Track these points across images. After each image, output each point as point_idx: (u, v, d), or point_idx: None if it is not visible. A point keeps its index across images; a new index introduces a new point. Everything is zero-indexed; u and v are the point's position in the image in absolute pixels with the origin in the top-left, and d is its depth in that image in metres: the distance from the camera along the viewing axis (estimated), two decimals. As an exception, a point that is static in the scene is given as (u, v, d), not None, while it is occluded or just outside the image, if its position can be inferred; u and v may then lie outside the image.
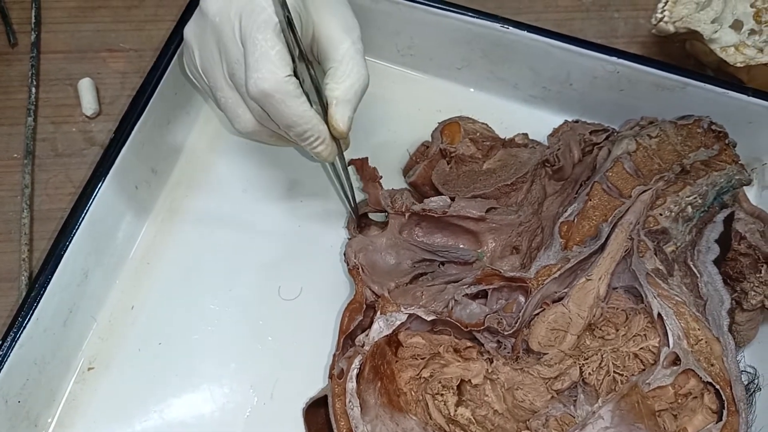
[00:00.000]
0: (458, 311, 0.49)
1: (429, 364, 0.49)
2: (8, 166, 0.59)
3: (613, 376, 0.46)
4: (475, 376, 0.48)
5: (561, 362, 0.47)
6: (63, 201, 0.57)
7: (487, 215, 0.51)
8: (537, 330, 0.47)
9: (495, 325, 0.48)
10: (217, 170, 0.58)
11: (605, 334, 0.47)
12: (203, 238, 0.56)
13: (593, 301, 0.47)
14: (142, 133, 0.53)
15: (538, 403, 0.47)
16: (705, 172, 0.49)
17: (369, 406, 0.47)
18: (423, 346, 0.49)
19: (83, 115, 0.61)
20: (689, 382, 0.45)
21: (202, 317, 0.53)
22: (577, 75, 0.57)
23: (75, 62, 0.63)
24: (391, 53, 0.62)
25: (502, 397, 0.47)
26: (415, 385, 0.48)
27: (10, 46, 0.64)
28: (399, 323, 0.49)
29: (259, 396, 0.51)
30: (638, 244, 0.48)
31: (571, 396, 0.47)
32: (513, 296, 0.50)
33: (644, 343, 0.47)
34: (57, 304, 0.49)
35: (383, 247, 0.53)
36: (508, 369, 0.48)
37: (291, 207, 0.57)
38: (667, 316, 0.46)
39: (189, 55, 0.48)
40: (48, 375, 0.49)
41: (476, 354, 0.49)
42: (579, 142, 0.54)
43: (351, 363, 0.47)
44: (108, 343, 0.52)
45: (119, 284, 0.54)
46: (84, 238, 0.50)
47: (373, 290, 0.51)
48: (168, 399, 0.51)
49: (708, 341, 0.45)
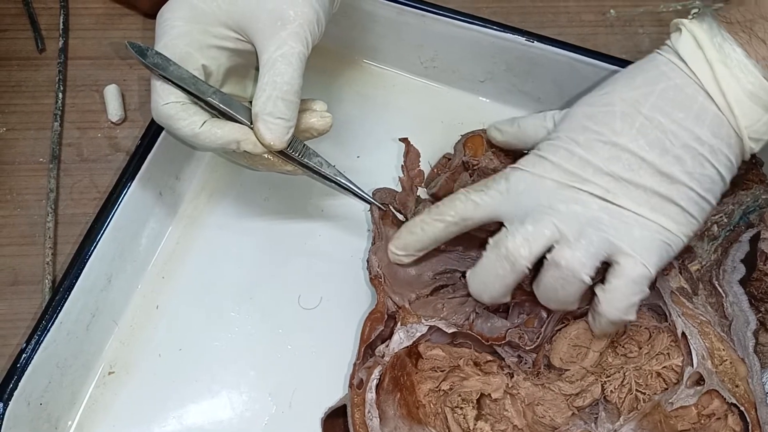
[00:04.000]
0: (479, 324, 0.49)
1: (449, 376, 0.49)
2: (34, 170, 0.59)
3: (635, 394, 0.46)
4: (495, 390, 0.48)
5: (582, 379, 0.47)
6: (87, 206, 0.58)
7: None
8: (559, 346, 0.47)
9: (516, 339, 0.48)
10: (239, 178, 0.59)
11: (628, 352, 0.47)
12: (225, 246, 0.56)
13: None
14: (167, 140, 0.53)
15: (559, 420, 0.46)
16: (731, 191, 0.49)
17: (388, 417, 0.47)
18: (443, 358, 0.49)
19: (109, 121, 0.61)
20: (713, 402, 0.44)
21: (222, 324, 0.53)
22: (601, 90, 0.57)
23: (101, 69, 0.64)
24: (414, 65, 0.62)
25: (522, 413, 0.47)
26: (435, 397, 0.48)
27: (38, 52, 0.64)
28: (419, 335, 0.49)
29: (277, 404, 0.51)
30: None
31: (592, 413, 0.47)
32: (535, 311, 0.49)
33: (667, 362, 0.46)
34: (80, 308, 0.49)
35: None
36: (529, 384, 0.47)
37: (311, 216, 0.57)
38: (691, 335, 0.45)
39: None
40: (70, 378, 0.50)
41: (497, 368, 0.49)
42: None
43: (371, 373, 0.47)
44: (129, 348, 0.52)
45: (141, 289, 0.54)
46: (108, 243, 0.50)
47: (394, 300, 0.51)
48: (187, 405, 0.51)
49: (733, 362, 0.45)
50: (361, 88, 0.63)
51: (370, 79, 0.63)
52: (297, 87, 0.45)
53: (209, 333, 0.53)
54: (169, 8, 0.47)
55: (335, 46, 0.62)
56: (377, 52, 0.63)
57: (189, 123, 0.45)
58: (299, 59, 0.45)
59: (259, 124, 0.45)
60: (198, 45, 0.46)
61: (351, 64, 0.64)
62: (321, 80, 0.62)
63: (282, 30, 0.45)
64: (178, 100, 0.45)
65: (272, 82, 0.45)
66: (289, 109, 0.45)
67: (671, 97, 0.43)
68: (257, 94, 0.45)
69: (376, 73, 0.64)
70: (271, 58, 0.45)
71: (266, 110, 0.45)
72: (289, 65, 0.45)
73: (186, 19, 0.46)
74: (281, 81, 0.44)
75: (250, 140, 0.46)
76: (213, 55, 0.47)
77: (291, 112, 0.45)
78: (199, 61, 0.46)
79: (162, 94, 0.45)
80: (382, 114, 0.62)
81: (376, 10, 0.58)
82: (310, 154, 0.49)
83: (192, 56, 0.46)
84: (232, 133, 0.46)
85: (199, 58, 0.46)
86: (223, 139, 0.46)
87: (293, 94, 0.45)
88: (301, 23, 0.45)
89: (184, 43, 0.46)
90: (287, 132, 0.45)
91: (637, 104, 0.43)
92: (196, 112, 0.46)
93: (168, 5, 0.47)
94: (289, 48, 0.45)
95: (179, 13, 0.46)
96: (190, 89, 0.46)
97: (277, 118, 0.45)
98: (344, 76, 0.63)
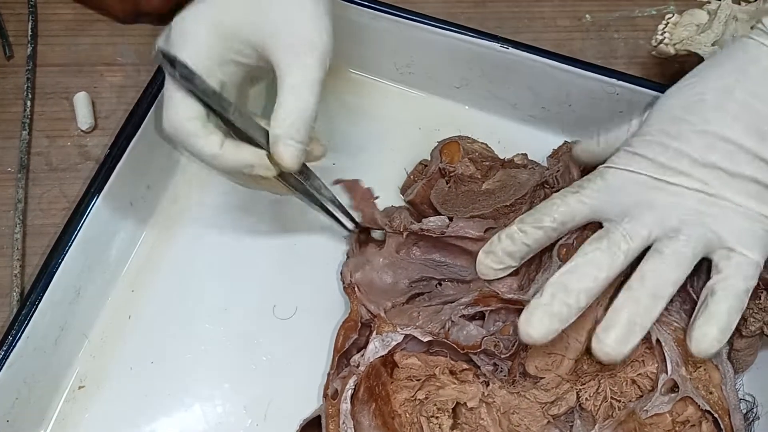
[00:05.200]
0: (455, 332, 0.49)
1: (424, 385, 0.48)
2: (2, 180, 0.58)
3: (610, 401, 0.46)
4: (471, 399, 0.47)
5: (558, 387, 0.46)
6: (57, 216, 0.56)
7: (485, 235, 0.51)
8: (534, 353, 0.47)
9: (492, 347, 0.47)
10: (213, 187, 0.58)
11: None
12: (198, 257, 0.55)
13: (591, 325, 0.47)
14: (137, 148, 0.52)
15: (534, 428, 0.46)
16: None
17: (363, 427, 0.46)
18: (419, 367, 0.49)
19: (78, 129, 0.60)
20: (687, 409, 0.44)
21: (195, 336, 0.52)
22: (577, 96, 0.57)
23: (71, 76, 0.63)
24: (389, 71, 0.62)
25: (498, 421, 0.47)
26: (410, 406, 0.48)
27: (6, 59, 0.63)
28: (395, 344, 0.48)
29: (252, 417, 0.50)
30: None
31: (567, 421, 0.46)
32: (510, 318, 0.49)
33: (642, 369, 0.46)
34: (48, 322, 0.48)
35: (380, 266, 0.53)
36: (505, 392, 0.47)
37: (287, 226, 0.57)
38: (665, 342, 0.45)
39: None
40: (38, 393, 0.48)
41: (472, 377, 0.48)
42: (578, 164, 0.54)
43: (346, 383, 0.47)
44: (100, 361, 0.51)
45: (112, 302, 0.53)
46: (77, 254, 0.49)
47: (369, 309, 0.51)
48: (160, 419, 0.50)
49: (707, 369, 0.44)
50: (337, 94, 0.62)
51: (345, 85, 0.63)
52: (316, 114, 0.45)
53: (182, 345, 0.52)
54: (192, 17, 0.45)
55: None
56: (352, 58, 0.62)
57: (209, 142, 0.44)
58: (320, 86, 0.45)
59: (280, 148, 0.44)
60: (220, 59, 0.45)
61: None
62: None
63: (308, 56, 0.45)
64: (198, 115, 0.44)
65: (297, 109, 0.44)
66: (308, 134, 0.45)
67: (763, 80, 0.42)
68: (281, 118, 0.44)
69: (352, 79, 0.63)
70: (296, 83, 0.44)
71: (290, 135, 0.44)
72: (312, 93, 0.45)
73: (210, 31, 0.44)
74: (305, 107, 0.44)
75: (263, 164, 0.45)
76: (231, 70, 0.46)
77: (308, 137, 0.46)
78: (218, 76, 0.45)
79: (184, 108, 0.44)
80: (359, 120, 0.61)
81: (351, 16, 0.58)
82: (312, 177, 0.49)
83: (213, 70, 0.45)
84: (250, 156, 0.45)
85: (218, 72, 0.45)
86: (241, 163, 0.45)
87: (313, 121, 0.45)
88: (324, 51, 0.45)
89: (206, 56, 0.44)
90: (303, 156, 0.46)
91: (729, 91, 0.42)
92: (214, 131, 0.44)
93: (190, 13, 0.45)
94: (313, 75, 0.45)
95: (203, 23, 0.45)
96: (213, 105, 0.44)
97: (298, 143, 0.45)
98: (319, 83, 0.63)
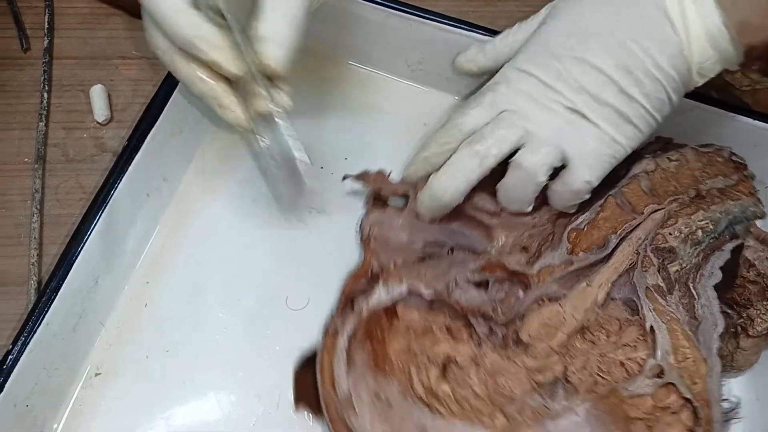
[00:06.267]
0: (458, 294, 0.50)
1: (420, 339, 0.50)
2: (19, 170, 0.59)
3: (595, 378, 0.47)
4: (462, 357, 0.49)
5: (547, 357, 0.48)
6: (73, 207, 0.57)
7: (502, 211, 0.53)
8: (530, 322, 0.49)
9: (490, 311, 0.49)
10: (227, 179, 0.59)
11: (596, 339, 0.48)
12: (212, 247, 0.56)
13: (590, 305, 0.48)
14: (155, 141, 0.53)
15: (517, 391, 0.48)
16: (720, 200, 0.50)
17: (355, 365, 0.48)
18: (418, 321, 0.51)
19: (95, 121, 0.61)
20: (670, 397, 0.45)
21: (209, 326, 0.53)
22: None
23: (87, 68, 0.64)
24: (401, 68, 0.63)
25: (484, 381, 0.48)
26: (404, 355, 0.50)
27: (23, 51, 0.64)
28: (399, 295, 0.50)
29: (265, 405, 0.51)
30: (643, 259, 0.48)
31: (550, 391, 0.48)
32: (513, 290, 0.51)
33: (633, 354, 0.47)
34: (67, 310, 0.49)
35: (398, 226, 0.54)
36: (495, 355, 0.49)
37: (300, 217, 0.58)
38: (659, 329, 0.47)
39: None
40: (56, 380, 0.49)
41: (467, 336, 0.50)
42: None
43: (346, 323, 0.49)
44: (116, 350, 0.52)
45: (128, 291, 0.54)
46: (95, 244, 0.50)
47: (380, 262, 0.53)
48: (174, 407, 0.51)
49: (695, 360, 0.46)
50: (348, 90, 0.63)
51: (356, 81, 0.64)
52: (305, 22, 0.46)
53: (197, 334, 0.53)
54: None
55: (322, 48, 0.63)
56: (364, 55, 0.63)
57: (193, 14, 0.44)
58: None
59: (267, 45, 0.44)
60: None
61: (337, 66, 0.64)
62: (307, 82, 0.62)
63: None
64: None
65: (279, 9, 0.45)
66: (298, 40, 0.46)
67: (641, 25, 0.47)
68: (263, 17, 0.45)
69: (363, 75, 0.64)
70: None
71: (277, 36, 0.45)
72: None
73: None
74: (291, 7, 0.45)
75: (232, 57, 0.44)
76: None
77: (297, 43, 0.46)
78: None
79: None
80: (369, 116, 0.62)
81: (364, 13, 0.59)
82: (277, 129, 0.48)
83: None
84: (213, 32, 0.44)
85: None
86: (203, 32, 0.44)
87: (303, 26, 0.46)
88: None
89: None
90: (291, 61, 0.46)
91: (611, 27, 0.47)
92: (198, 12, 0.44)
93: None
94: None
95: None
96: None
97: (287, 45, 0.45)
98: (330, 78, 0.64)
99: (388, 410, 0.47)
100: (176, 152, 0.57)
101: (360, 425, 0.46)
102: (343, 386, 0.47)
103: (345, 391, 0.47)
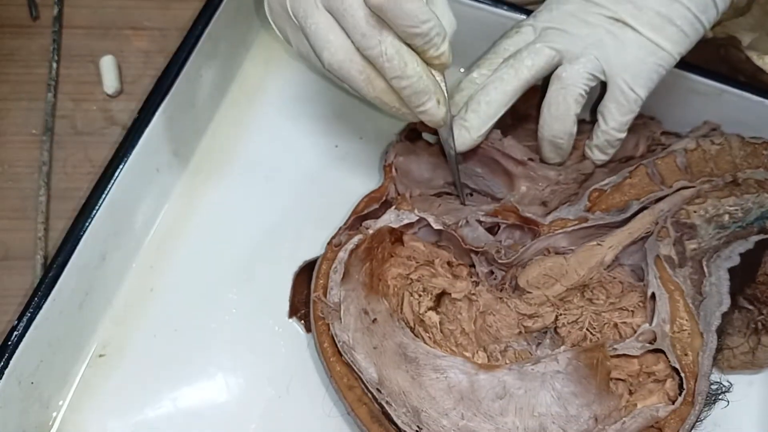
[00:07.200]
0: (466, 231, 0.50)
1: (420, 269, 0.50)
2: (26, 141, 0.57)
3: (585, 333, 0.47)
4: (457, 292, 0.49)
5: (541, 305, 0.48)
6: (81, 180, 0.56)
7: (528, 161, 0.52)
8: (530, 270, 0.48)
9: (493, 252, 0.49)
10: (239, 156, 0.57)
11: (594, 297, 0.48)
12: (223, 225, 0.55)
13: (595, 264, 0.48)
14: (165, 115, 0.52)
15: (504, 333, 0.48)
16: (756, 190, 0.49)
17: (351, 278, 0.48)
18: (421, 252, 0.51)
19: (104, 93, 0.60)
20: (658, 364, 0.45)
21: (219, 306, 0.52)
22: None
23: (97, 39, 0.62)
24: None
25: (474, 318, 0.48)
26: (400, 281, 0.50)
27: (32, 20, 0.62)
28: (408, 221, 0.50)
29: (275, 389, 0.50)
30: (660, 230, 0.48)
31: (537, 338, 0.48)
32: (522, 239, 0.50)
33: (629, 319, 0.47)
34: (74, 286, 0.48)
35: (424, 161, 0.54)
36: (490, 296, 0.49)
37: (312, 198, 0.56)
38: (660, 297, 0.46)
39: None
40: (62, 357, 0.48)
41: (466, 274, 0.50)
42: (648, 139, 0.55)
43: (350, 237, 0.49)
44: (123, 328, 0.51)
45: (136, 268, 0.53)
46: (103, 219, 0.49)
47: (397, 189, 0.53)
48: (182, 387, 0.50)
49: (691, 333, 0.45)
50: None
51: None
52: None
53: (206, 314, 0.52)
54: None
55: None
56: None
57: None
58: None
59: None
60: None
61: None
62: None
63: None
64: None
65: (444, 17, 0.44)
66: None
67: None
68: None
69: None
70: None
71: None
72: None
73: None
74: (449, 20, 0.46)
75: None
76: None
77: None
78: None
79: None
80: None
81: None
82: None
83: None
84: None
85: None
86: (434, 20, 0.40)
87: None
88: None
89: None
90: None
91: None
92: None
93: None
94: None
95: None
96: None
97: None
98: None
99: (373, 325, 0.47)
100: (187, 127, 0.56)
101: (341, 331, 0.46)
102: (334, 294, 0.47)
103: (335, 299, 0.47)
